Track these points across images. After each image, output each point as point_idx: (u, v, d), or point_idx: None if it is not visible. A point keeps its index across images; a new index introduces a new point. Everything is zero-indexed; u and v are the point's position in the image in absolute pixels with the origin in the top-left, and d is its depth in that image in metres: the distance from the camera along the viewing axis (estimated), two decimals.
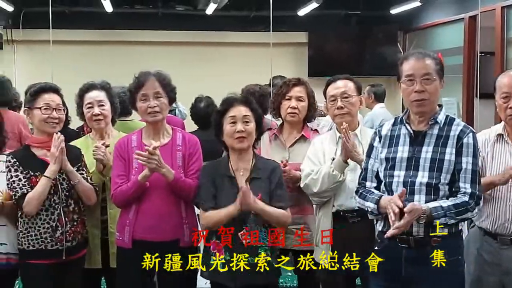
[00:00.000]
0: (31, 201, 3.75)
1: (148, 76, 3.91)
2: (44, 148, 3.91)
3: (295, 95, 4.38)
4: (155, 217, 3.78)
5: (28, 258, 3.81)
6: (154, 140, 3.87)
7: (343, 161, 3.89)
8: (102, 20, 10.37)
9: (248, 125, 3.75)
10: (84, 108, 4.27)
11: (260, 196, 3.63)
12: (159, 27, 10.65)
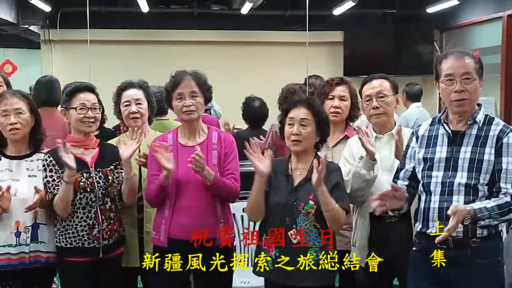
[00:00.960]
0: (56, 204, 3.80)
1: (184, 75, 3.91)
2: (81, 147, 3.94)
3: (338, 94, 4.37)
4: (190, 216, 3.79)
5: (66, 256, 3.85)
6: (190, 139, 3.91)
7: (370, 159, 3.86)
8: (138, 20, 10.44)
9: (305, 128, 3.69)
10: (122, 106, 4.29)
11: (312, 197, 3.60)
12: (194, 26, 10.69)
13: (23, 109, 3.87)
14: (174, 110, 3.95)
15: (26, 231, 3.81)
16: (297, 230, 3.60)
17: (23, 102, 3.90)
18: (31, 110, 3.92)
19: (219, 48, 10.82)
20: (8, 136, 3.88)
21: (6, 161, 3.89)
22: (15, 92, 4.02)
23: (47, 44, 10.81)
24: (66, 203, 3.79)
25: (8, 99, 3.88)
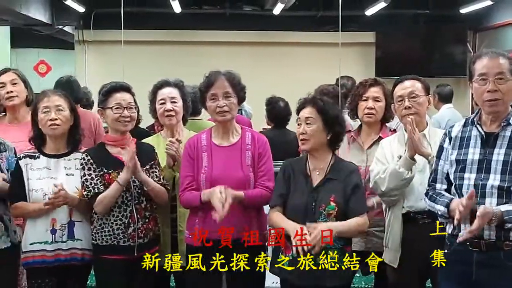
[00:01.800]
0: (101, 202, 3.84)
1: (218, 75, 3.93)
2: (117, 146, 3.99)
3: (372, 95, 4.36)
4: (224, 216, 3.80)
5: (101, 254, 3.89)
6: (224, 140, 3.93)
7: (410, 157, 3.85)
8: (171, 21, 10.51)
9: (310, 126, 3.72)
10: (157, 104, 4.32)
11: (333, 198, 3.62)
12: (227, 27, 10.73)
13: (64, 106, 3.95)
14: (208, 110, 3.98)
15: (62, 229, 3.88)
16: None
17: (63, 100, 3.98)
18: (71, 109, 3.99)
19: (251, 48, 10.85)
20: (48, 132, 3.94)
21: (45, 159, 3.96)
22: (56, 90, 4.13)
23: (81, 45, 10.92)
24: (110, 203, 3.85)
25: (49, 97, 3.96)
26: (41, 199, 3.85)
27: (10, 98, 4.62)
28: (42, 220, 3.87)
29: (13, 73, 4.73)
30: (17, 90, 4.65)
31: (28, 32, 11.14)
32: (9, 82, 4.66)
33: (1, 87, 4.65)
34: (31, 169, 3.93)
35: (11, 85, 4.64)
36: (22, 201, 3.91)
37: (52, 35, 11.32)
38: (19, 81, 4.68)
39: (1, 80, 4.68)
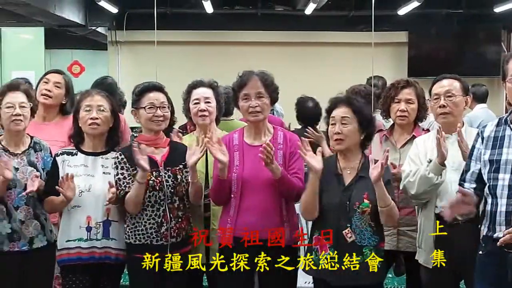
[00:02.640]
0: (128, 202, 3.87)
1: (251, 75, 3.94)
2: (151, 145, 4.01)
3: (404, 97, 4.34)
4: (255, 215, 3.81)
5: (134, 252, 3.91)
6: (256, 139, 3.94)
7: (439, 163, 3.82)
8: (203, 21, 10.55)
9: (346, 127, 3.72)
10: (191, 103, 4.33)
11: (367, 195, 3.62)
12: (259, 27, 10.75)
13: (105, 107, 4.00)
14: (240, 110, 3.99)
15: (97, 227, 3.91)
16: (352, 229, 3.62)
17: (106, 101, 4.03)
18: (112, 111, 4.04)
19: (282, 49, 10.86)
20: (87, 131, 3.98)
21: (82, 156, 4.00)
22: (100, 91, 4.17)
23: (114, 45, 11.01)
24: (137, 202, 3.86)
25: (93, 96, 4.02)
26: (77, 196, 3.90)
27: (45, 96, 4.65)
28: (78, 218, 3.91)
29: (62, 77, 4.76)
30: (55, 93, 4.67)
31: (61, 33, 11.27)
32: (53, 82, 4.69)
33: (45, 82, 4.69)
34: (68, 165, 3.97)
35: (53, 85, 4.68)
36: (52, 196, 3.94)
37: (85, 36, 11.44)
38: (62, 86, 4.71)
39: (48, 77, 4.72)
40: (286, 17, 10.90)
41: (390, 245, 4.17)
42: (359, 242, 3.63)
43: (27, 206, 3.99)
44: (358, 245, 3.62)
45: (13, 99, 4.00)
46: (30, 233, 4.00)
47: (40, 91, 4.65)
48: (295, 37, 10.84)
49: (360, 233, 3.63)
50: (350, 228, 3.62)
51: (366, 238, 3.64)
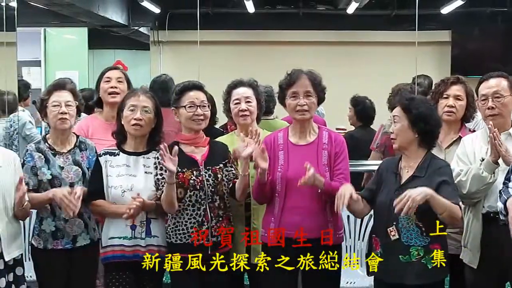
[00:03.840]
0: (162, 203, 3.88)
1: (300, 74, 3.93)
2: (191, 145, 4.02)
3: (453, 93, 4.28)
4: (299, 215, 3.80)
5: (175, 252, 3.91)
6: (301, 139, 3.93)
7: (493, 162, 3.76)
8: (244, 21, 10.57)
9: (396, 125, 3.72)
10: (232, 103, 4.32)
11: None
12: (300, 27, 10.72)
13: (150, 108, 4.01)
14: (287, 108, 3.97)
15: (142, 225, 3.93)
16: (398, 228, 3.59)
17: (151, 102, 4.03)
18: (156, 112, 4.04)
19: (324, 48, 10.82)
20: (130, 131, 4.00)
21: (124, 156, 4.02)
22: (146, 91, 4.18)
23: (156, 45, 11.09)
24: (169, 202, 3.85)
25: (139, 96, 4.03)
26: (120, 196, 3.92)
27: (113, 94, 4.67)
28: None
29: (120, 72, 4.78)
30: (121, 88, 4.68)
31: (105, 33, 11.37)
32: (115, 78, 4.70)
33: (106, 82, 4.70)
34: (110, 166, 4.00)
35: (117, 81, 4.71)
36: (101, 199, 3.98)
37: (128, 36, 11.53)
38: (124, 80, 4.73)
39: (108, 75, 4.73)
40: (328, 16, 10.86)
41: None
42: (406, 241, 3.60)
43: None
44: (404, 244, 3.59)
45: (59, 98, 4.05)
46: (73, 231, 4.05)
47: (106, 91, 4.67)
48: (337, 37, 10.80)
49: (406, 233, 3.59)
50: (395, 226, 3.59)
51: (413, 238, 3.60)
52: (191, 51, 9.12)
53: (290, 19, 10.75)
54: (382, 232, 3.64)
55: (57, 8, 9.13)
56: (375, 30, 10.76)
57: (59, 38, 11.18)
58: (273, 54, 10.34)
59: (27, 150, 4.12)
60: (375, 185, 3.80)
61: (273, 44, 10.76)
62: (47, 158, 4.07)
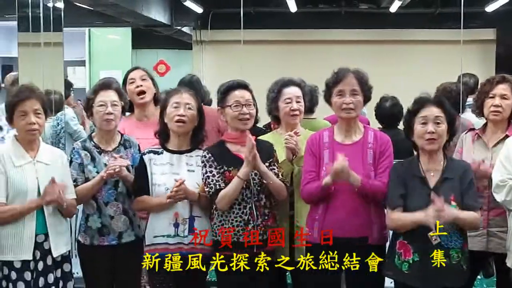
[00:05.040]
0: (223, 198, 3.88)
1: (347, 72, 3.92)
2: (237, 143, 4.01)
3: (499, 93, 4.23)
4: (343, 214, 3.79)
5: (220, 250, 3.92)
6: (346, 138, 3.92)
7: None
8: (286, 20, 10.56)
9: (440, 126, 3.67)
10: (282, 102, 4.29)
11: (453, 197, 3.57)
12: (343, 25, 10.69)
13: (193, 105, 4.03)
14: (333, 106, 3.96)
15: (184, 223, 3.95)
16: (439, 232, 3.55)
17: (193, 100, 4.06)
18: (198, 109, 4.07)
19: (367, 47, 10.76)
20: (173, 128, 4.03)
21: (168, 155, 4.05)
22: (188, 89, 4.21)
23: (198, 45, 11.13)
24: (232, 199, 3.88)
25: (182, 94, 4.06)
26: (164, 194, 3.95)
27: (141, 94, 4.72)
28: (166, 214, 3.95)
29: (142, 70, 4.84)
30: (147, 85, 4.74)
31: (148, 33, 11.47)
32: (138, 77, 4.76)
33: (131, 83, 4.75)
34: (154, 164, 4.03)
35: (141, 80, 4.75)
36: (145, 195, 4.02)
37: (170, 36, 11.61)
38: (147, 77, 4.78)
39: (131, 76, 4.79)
40: (370, 15, 10.81)
41: (479, 246, 4.07)
42: (446, 244, 3.58)
43: (116, 202, 4.10)
44: (444, 248, 3.57)
45: (105, 97, 4.10)
46: (119, 228, 4.10)
47: (134, 92, 4.72)
48: (379, 35, 10.73)
49: (447, 236, 3.58)
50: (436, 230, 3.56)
51: (453, 241, 3.60)
52: (233, 50, 9.14)
53: (332, 18, 10.73)
54: (419, 237, 3.60)
55: (101, 9, 9.24)
56: (419, 28, 10.66)
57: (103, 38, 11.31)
58: (315, 53, 10.32)
59: (73, 148, 4.19)
60: (403, 190, 3.72)
61: (315, 43, 10.74)
62: (93, 156, 4.13)
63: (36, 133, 3.88)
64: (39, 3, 5.58)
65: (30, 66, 5.68)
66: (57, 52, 5.85)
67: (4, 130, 4.40)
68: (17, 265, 3.78)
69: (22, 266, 3.78)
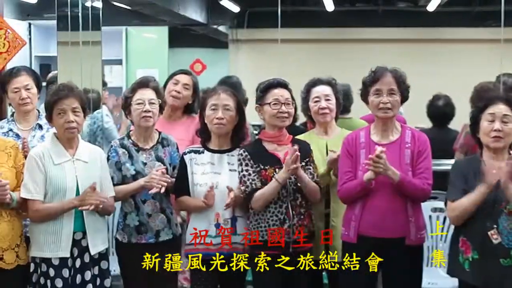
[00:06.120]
0: (259, 200, 3.89)
1: (385, 71, 3.90)
2: (274, 142, 4.02)
3: None
4: (381, 214, 3.77)
5: (257, 249, 3.93)
6: (383, 137, 3.89)
7: None
8: (323, 19, 10.54)
9: (507, 125, 3.59)
10: (311, 102, 4.32)
11: None
12: (380, 24, 10.65)
13: (231, 106, 4.03)
14: (370, 105, 3.94)
15: (226, 223, 3.96)
16: (499, 231, 3.51)
17: (232, 100, 4.06)
18: (238, 109, 4.07)
19: (404, 46, 10.72)
20: (213, 130, 4.04)
21: (209, 154, 4.06)
22: (227, 89, 4.21)
23: (235, 44, 11.16)
24: (268, 201, 3.89)
25: (220, 95, 4.06)
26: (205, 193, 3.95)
27: (175, 98, 4.72)
28: (207, 214, 3.97)
29: (191, 78, 4.83)
30: (185, 94, 4.73)
31: (184, 32, 11.52)
32: (182, 83, 4.74)
33: (174, 84, 4.76)
34: (195, 164, 4.05)
35: (182, 86, 4.75)
36: (185, 196, 4.05)
37: (207, 35, 11.65)
38: (191, 87, 4.77)
39: (178, 77, 4.79)
40: (408, 13, 10.75)
41: None
42: (507, 244, 3.52)
43: (154, 200, 4.10)
44: (505, 248, 3.52)
45: (143, 96, 4.12)
46: (156, 226, 4.11)
47: (170, 92, 4.73)
48: (417, 34, 10.68)
49: (508, 235, 3.52)
50: (496, 229, 3.52)
51: None
52: (270, 49, 9.16)
53: (370, 17, 10.71)
54: (480, 236, 3.54)
55: (138, 8, 9.32)
56: (457, 27, 10.56)
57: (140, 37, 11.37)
58: (353, 52, 10.30)
59: (111, 145, 4.22)
60: (466, 186, 3.65)
61: (352, 42, 10.72)
62: (130, 154, 4.15)
63: (75, 131, 3.91)
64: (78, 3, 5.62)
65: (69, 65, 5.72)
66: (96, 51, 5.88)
67: (44, 129, 4.42)
68: (55, 262, 3.82)
69: (60, 263, 3.82)
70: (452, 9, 10.33)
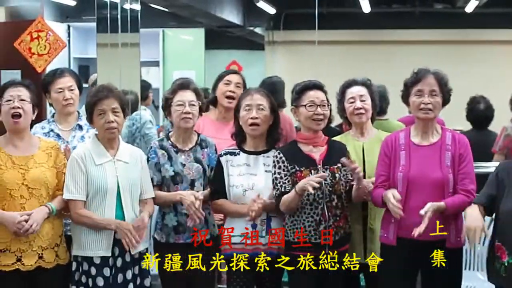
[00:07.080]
0: (283, 204, 3.90)
1: (427, 73, 3.89)
2: (310, 144, 4.03)
3: None
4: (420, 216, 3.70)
5: (292, 250, 3.94)
6: (423, 139, 3.89)
7: None
8: (360, 20, 10.51)
9: None
10: (346, 102, 4.31)
11: None
12: (417, 25, 10.58)
13: (265, 106, 4.06)
14: (411, 106, 3.93)
15: (262, 224, 3.99)
16: None
17: (265, 100, 4.08)
18: (272, 109, 4.09)
19: (442, 47, 10.64)
20: (248, 131, 4.07)
21: (244, 156, 4.09)
22: (259, 89, 4.25)
23: (271, 45, 11.18)
24: (290, 208, 3.89)
25: (252, 95, 4.09)
26: (241, 195, 4.01)
27: (230, 99, 4.72)
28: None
29: (240, 77, 4.85)
30: (238, 93, 4.69)
31: (220, 34, 11.57)
32: (234, 83, 4.78)
33: (226, 84, 4.79)
34: (231, 165, 4.08)
35: (235, 86, 4.78)
36: (223, 199, 4.08)
37: (243, 36, 11.69)
38: (241, 86, 4.79)
39: (229, 78, 4.81)
40: (445, 15, 10.68)
41: None
42: None
43: None
44: None
45: (183, 97, 4.16)
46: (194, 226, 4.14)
47: (224, 93, 4.76)
48: (455, 36, 10.59)
49: None
50: None
51: None
52: (306, 51, 9.17)
53: (406, 18, 10.64)
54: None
55: (175, 10, 9.39)
56: (495, 28, 10.45)
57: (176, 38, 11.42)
58: (390, 53, 10.26)
59: (151, 147, 4.26)
60: (495, 191, 3.66)
61: (389, 43, 10.67)
62: (169, 155, 4.19)
63: (115, 131, 3.96)
64: (116, 5, 5.69)
65: (108, 67, 5.79)
66: (134, 53, 5.94)
67: (84, 130, 4.49)
68: (97, 261, 3.88)
69: (101, 262, 3.88)
70: (490, 10, 10.22)
